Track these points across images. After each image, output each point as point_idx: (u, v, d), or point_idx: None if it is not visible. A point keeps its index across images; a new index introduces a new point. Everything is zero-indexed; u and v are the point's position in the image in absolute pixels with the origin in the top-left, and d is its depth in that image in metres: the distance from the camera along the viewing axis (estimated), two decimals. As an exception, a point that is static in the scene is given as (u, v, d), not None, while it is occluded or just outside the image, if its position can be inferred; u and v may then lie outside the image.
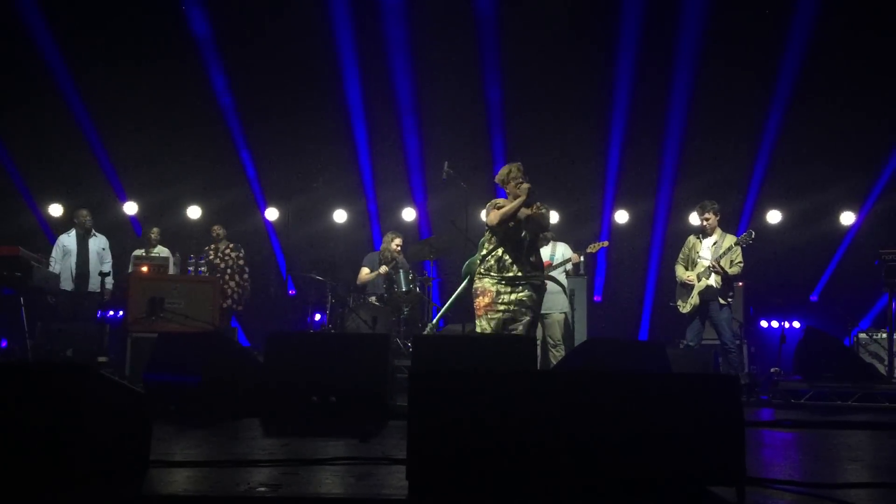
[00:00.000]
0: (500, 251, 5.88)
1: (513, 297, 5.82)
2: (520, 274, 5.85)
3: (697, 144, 10.83)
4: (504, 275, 5.84)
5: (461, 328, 7.49)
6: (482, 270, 5.91)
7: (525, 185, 5.88)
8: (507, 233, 5.92)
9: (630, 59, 10.63)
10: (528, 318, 5.86)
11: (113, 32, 10.50)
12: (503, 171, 6.07)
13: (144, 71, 10.66)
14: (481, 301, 5.86)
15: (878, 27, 9.80)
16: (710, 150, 10.80)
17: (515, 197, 5.93)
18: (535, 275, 5.95)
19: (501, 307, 5.80)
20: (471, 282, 6.14)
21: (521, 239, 5.93)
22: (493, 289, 5.82)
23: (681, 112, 10.76)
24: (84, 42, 10.58)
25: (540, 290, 6.01)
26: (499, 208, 5.93)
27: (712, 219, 7.67)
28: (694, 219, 8.16)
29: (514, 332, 5.79)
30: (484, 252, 5.97)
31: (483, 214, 6.13)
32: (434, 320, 7.64)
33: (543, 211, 6.02)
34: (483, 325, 5.85)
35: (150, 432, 3.01)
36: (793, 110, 10.47)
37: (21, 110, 10.62)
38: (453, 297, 7.13)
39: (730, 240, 7.58)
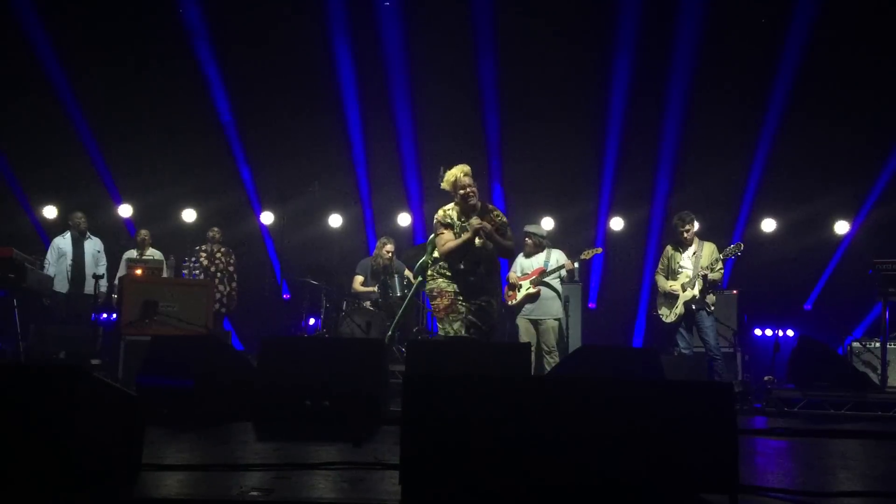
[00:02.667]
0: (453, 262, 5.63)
1: (471, 300, 5.58)
2: (474, 280, 5.59)
3: (693, 152, 10.86)
4: (460, 282, 5.58)
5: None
6: (435, 272, 5.65)
7: (474, 222, 5.53)
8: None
9: (626, 68, 10.66)
10: (488, 325, 5.65)
11: (109, 35, 10.50)
12: (449, 175, 5.68)
13: (140, 73, 10.68)
14: (440, 303, 5.58)
15: (872, 38, 9.85)
16: (705, 157, 10.82)
17: (462, 201, 5.62)
18: (492, 280, 5.74)
19: (462, 309, 5.55)
20: (421, 284, 5.90)
21: (474, 253, 5.61)
22: (450, 290, 5.57)
23: (676, 120, 10.79)
24: (80, 44, 10.56)
25: (497, 297, 5.82)
26: (445, 225, 5.63)
27: (692, 230, 7.68)
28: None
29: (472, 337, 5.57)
30: (437, 254, 5.70)
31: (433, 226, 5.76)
32: (390, 331, 7.59)
33: (501, 221, 5.69)
34: (446, 328, 5.56)
35: (142, 435, 3.00)
36: (788, 119, 10.50)
37: (16, 112, 10.61)
38: (405, 303, 7.09)
39: (709, 248, 7.59)
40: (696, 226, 7.76)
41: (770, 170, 10.81)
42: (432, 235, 5.87)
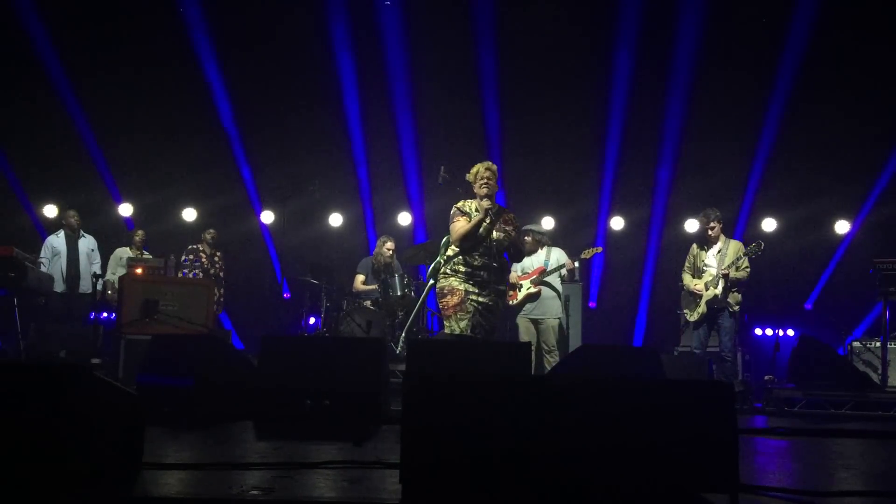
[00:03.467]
0: (467, 254, 5.73)
1: (481, 299, 5.67)
2: (487, 278, 5.69)
3: (693, 151, 10.86)
4: (473, 277, 5.69)
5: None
6: (448, 271, 5.75)
7: (485, 203, 5.70)
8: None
9: (627, 66, 10.66)
10: (491, 324, 5.76)
11: (110, 35, 10.48)
12: (473, 168, 5.89)
13: (141, 73, 10.66)
14: (450, 300, 5.67)
15: (874, 36, 9.84)
16: (705, 157, 10.82)
17: (477, 189, 5.81)
18: (502, 280, 5.84)
19: (471, 308, 5.64)
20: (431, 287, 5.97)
21: (487, 244, 5.75)
22: (462, 288, 5.65)
23: (677, 119, 10.79)
24: (81, 44, 10.56)
25: (503, 297, 5.91)
26: (463, 213, 5.80)
27: (717, 227, 7.67)
28: (690, 225, 8.17)
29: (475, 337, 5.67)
30: (451, 253, 5.80)
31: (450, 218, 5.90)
32: (402, 335, 7.56)
33: (511, 224, 5.86)
34: (453, 326, 5.65)
35: (142, 434, 3.00)
36: (789, 118, 10.50)
37: (17, 111, 10.60)
38: (417, 306, 7.08)
39: (734, 246, 7.58)
40: (721, 223, 7.72)
41: (771, 169, 10.81)
42: (445, 237, 5.97)
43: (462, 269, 5.70)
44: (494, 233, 5.72)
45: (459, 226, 5.76)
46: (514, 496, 2.63)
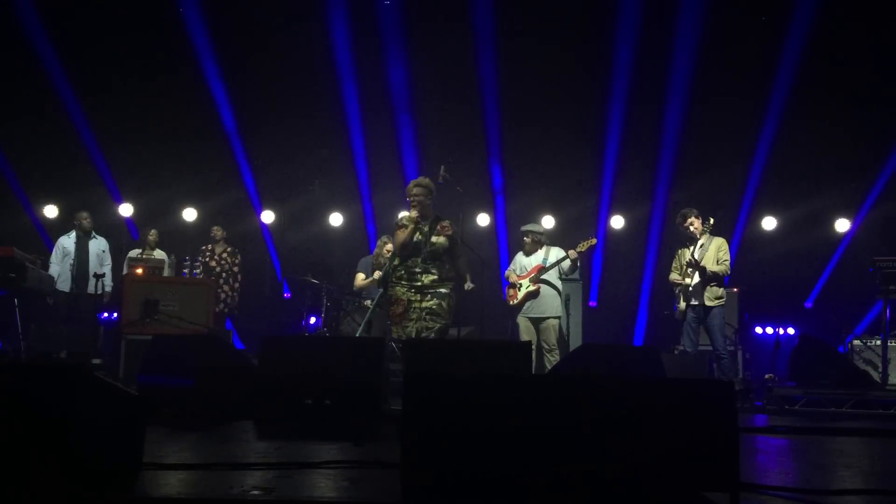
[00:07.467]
0: (408, 261, 6.20)
1: (423, 305, 6.09)
2: (427, 283, 6.12)
3: (693, 150, 10.85)
4: (413, 284, 6.12)
5: (456, 332, 7.48)
6: (394, 279, 6.21)
7: (413, 214, 6.27)
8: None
9: (626, 65, 10.64)
10: (438, 325, 6.10)
11: (110, 36, 10.47)
12: (407, 187, 6.48)
13: (141, 73, 10.65)
14: (396, 309, 6.15)
15: (873, 35, 9.84)
16: (705, 155, 10.81)
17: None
18: (443, 283, 6.21)
19: (414, 316, 6.06)
20: (383, 295, 6.47)
21: (425, 251, 6.19)
22: (405, 297, 6.11)
23: (677, 118, 10.78)
24: (81, 45, 10.55)
25: (447, 298, 6.21)
26: (400, 226, 6.32)
27: (696, 222, 7.65)
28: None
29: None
30: (396, 262, 6.26)
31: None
32: (359, 333, 7.61)
33: (449, 230, 6.27)
34: (399, 332, 6.15)
35: (143, 434, 2.99)
36: (788, 117, 10.49)
37: (18, 112, 10.60)
38: (369, 313, 7.29)
39: (717, 242, 7.59)
40: (699, 218, 7.70)
41: (771, 168, 10.80)
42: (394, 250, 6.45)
43: (404, 275, 6.17)
44: (434, 238, 6.20)
45: (399, 236, 6.31)
46: (514, 495, 2.63)
